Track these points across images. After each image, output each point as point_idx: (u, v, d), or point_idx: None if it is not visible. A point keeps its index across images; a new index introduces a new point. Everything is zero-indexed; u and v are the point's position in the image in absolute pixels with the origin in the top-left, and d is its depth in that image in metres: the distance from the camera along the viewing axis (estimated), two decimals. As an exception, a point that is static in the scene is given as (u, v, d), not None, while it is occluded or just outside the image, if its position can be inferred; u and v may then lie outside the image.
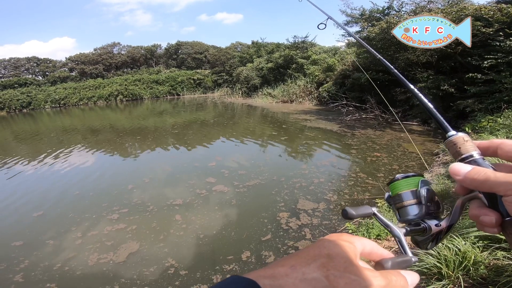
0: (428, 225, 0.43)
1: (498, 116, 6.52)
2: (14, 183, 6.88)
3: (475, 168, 0.39)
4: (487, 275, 2.03)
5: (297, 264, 0.30)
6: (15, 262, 3.62)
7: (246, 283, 0.27)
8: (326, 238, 0.35)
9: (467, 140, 0.43)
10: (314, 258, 0.31)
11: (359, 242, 0.36)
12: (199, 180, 5.94)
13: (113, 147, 10.07)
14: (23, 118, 24.90)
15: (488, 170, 0.38)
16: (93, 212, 4.81)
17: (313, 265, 0.30)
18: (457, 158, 0.43)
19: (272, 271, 0.29)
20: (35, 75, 39.72)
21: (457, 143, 0.44)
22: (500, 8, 7.36)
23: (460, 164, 0.41)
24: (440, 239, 0.44)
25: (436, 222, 0.43)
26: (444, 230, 0.43)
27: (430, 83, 9.09)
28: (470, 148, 0.43)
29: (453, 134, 0.45)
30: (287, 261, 0.31)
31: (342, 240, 0.34)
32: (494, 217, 0.37)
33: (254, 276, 0.29)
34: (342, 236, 0.35)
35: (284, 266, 0.30)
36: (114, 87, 34.14)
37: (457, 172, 0.40)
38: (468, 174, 0.39)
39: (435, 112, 0.53)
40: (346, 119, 11.81)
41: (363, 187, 5.12)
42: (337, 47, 22.38)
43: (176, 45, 44.27)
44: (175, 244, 3.78)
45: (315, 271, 0.29)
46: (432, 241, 0.44)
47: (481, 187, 0.38)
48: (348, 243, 0.34)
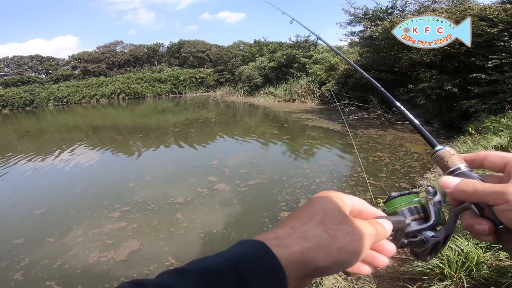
0: (425, 237, 0.44)
1: (502, 117, 6.47)
2: (17, 181, 6.90)
3: (464, 180, 0.40)
4: (489, 276, 2.01)
5: (297, 223, 0.33)
6: (16, 260, 3.63)
7: (255, 244, 0.30)
8: (317, 196, 0.37)
9: (453, 154, 0.45)
10: (311, 216, 0.34)
11: (347, 197, 0.38)
12: (200, 178, 5.94)
13: (115, 145, 10.09)
14: (26, 116, 25.03)
15: (476, 182, 0.39)
16: (95, 210, 4.82)
17: (312, 223, 0.33)
18: (446, 171, 0.45)
19: (275, 233, 0.32)
20: (38, 73, 39.88)
21: (444, 157, 0.45)
22: (505, 8, 7.30)
23: (449, 177, 0.42)
24: (438, 250, 0.45)
25: (433, 234, 0.44)
26: (441, 241, 0.44)
27: (434, 83, 9.04)
28: (457, 161, 0.44)
29: (440, 148, 0.47)
30: (287, 222, 0.34)
31: (331, 197, 0.37)
32: (487, 226, 0.38)
33: (260, 238, 0.31)
34: (330, 193, 0.38)
35: (285, 227, 0.33)
36: (117, 85, 34.24)
37: (446, 185, 0.42)
38: (457, 186, 0.40)
39: (421, 128, 0.55)
40: (348, 118, 11.77)
41: (365, 187, 5.10)
42: (339, 46, 22.31)
43: (179, 43, 44.31)
44: (175, 242, 3.78)
45: (314, 228, 0.32)
46: (431, 253, 0.45)
47: (471, 198, 0.39)
48: (337, 198, 0.37)
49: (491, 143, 4.82)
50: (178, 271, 0.27)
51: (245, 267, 0.28)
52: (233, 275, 0.27)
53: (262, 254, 0.29)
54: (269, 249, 0.30)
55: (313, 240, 0.31)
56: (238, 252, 0.29)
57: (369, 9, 12.30)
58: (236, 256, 0.29)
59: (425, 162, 6.04)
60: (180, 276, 0.27)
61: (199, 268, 0.28)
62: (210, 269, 0.28)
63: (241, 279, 0.27)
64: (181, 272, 0.27)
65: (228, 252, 0.30)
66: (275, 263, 0.29)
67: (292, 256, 0.30)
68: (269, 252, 0.29)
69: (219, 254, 0.30)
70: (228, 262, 0.28)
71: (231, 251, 0.30)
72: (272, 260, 0.29)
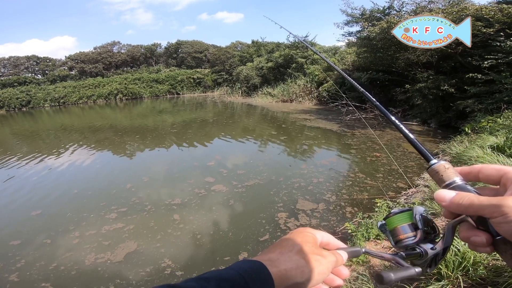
0: (424, 249, 0.45)
1: (498, 117, 6.49)
2: (13, 182, 6.85)
3: (459, 194, 0.41)
4: (486, 276, 2.01)
5: (283, 251, 0.45)
6: (12, 261, 3.60)
7: (256, 263, 0.42)
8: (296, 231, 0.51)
9: (448, 168, 0.45)
10: (293, 246, 0.46)
11: (318, 234, 0.51)
12: (198, 179, 5.93)
13: (112, 146, 10.05)
14: (22, 117, 24.86)
15: (471, 195, 0.40)
16: (91, 211, 4.79)
17: (293, 251, 0.45)
18: (441, 185, 0.45)
19: (268, 256, 0.44)
20: (35, 74, 39.65)
21: (439, 171, 0.45)
22: (501, 8, 7.34)
23: (444, 191, 0.43)
24: (438, 261, 0.45)
25: (431, 246, 0.45)
26: (440, 253, 0.45)
27: (430, 83, 9.07)
28: (451, 175, 0.44)
29: (434, 162, 0.47)
30: (275, 249, 0.46)
31: (306, 232, 0.50)
32: (484, 237, 0.39)
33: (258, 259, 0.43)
34: (306, 230, 0.51)
35: (275, 252, 0.45)
36: (114, 86, 34.08)
37: (442, 199, 0.42)
38: (453, 200, 0.41)
39: (416, 142, 0.54)
40: (346, 118, 11.79)
41: (362, 187, 5.10)
42: (337, 46, 22.39)
43: (176, 44, 44.22)
44: (172, 244, 3.76)
45: (296, 255, 0.44)
46: (430, 265, 0.46)
47: (467, 211, 0.40)
48: (311, 234, 0.50)
49: (487, 143, 4.84)
50: (203, 278, 0.38)
51: (250, 278, 0.39)
52: (243, 285, 0.38)
53: (261, 270, 0.41)
54: (265, 267, 0.41)
55: (294, 263, 0.43)
56: (245, 268, 0.40)
57: (366, 10, 12.32)
58: (243, 270, 0.40)
59: (422, 162, 6.06)
60: (205, 281, 0.37)
61: (218, 277, 0.38)
62: (227, 278, 0.38)
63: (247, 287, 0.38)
64: (205, 279, 0.37)
65: (236, 267, 0.40)
66: (269, 277, 0.40)
67: (280, 273, 0.42)
68: (265, 269, 0.41)
69: (230, 268, 0.41)
70: (239, 274, 0.39)
71: (239, 266, 0.41)
72: (267, 275, 0.41)
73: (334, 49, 21.89)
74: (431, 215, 0.45)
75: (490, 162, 3.78)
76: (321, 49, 21.95)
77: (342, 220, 4.06)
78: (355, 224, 3.59)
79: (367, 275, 2.40)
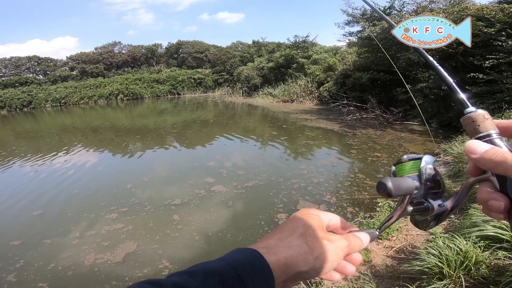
0: (432, 205, 0.42)
1: (500, 117, 6.47)
2: (14, 182, 6.87)
3: (494, 148, 0.37)
4: (488, 275, 2.00)
5: (282, 236, 0.40)
6: (11, 261, 3.60)
7: (250, 251, 0.37)
8: (299, 213, 0.44)
9: (487, 118, 0.40)
10: (294, 230, 0.40)
11: (325, 215, 0.45)
12: (198, 180, 5.92)
13: (113, 146, 10.06)
14: (24, 117, 24.91)
15: (507, 152, 0.36)
16: (92, 212, 4.79)
17: (295, 235, 0.39)
18: (474, 135, 0.40)
19: (265, 243, 0.39)
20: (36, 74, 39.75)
21: (476, 120, 0.41)
22: (502, 8, 7.32)
23: (478, 142, 0.38)
24: (441, 220, 0.43)
25: (440, 203, 0.42)
26: (447, 211, 0.42)
27: (431, 83, 9.05)
28: (489, 127, 0.40)
29: (472, 110, 0.42)
30: (274, 235, 0.40)
31: (311, 214, 0.44)
32: (503, 203, 0.35)
33: (253, 247, 0.38)
34: (310, 211, 0.45)
35: (273, 238, 0.40)
36: (115, 86, 34.12)
37: (473, 151, 0.38)
38: (485, 154, 0.37)
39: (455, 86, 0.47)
40: (347, 118, 11.77)
41: (362, 187, 5.09)
42: (338, 46, 22.35)
43: (177, 44, 44.26)
44: (170, 245, 3.75)
45: (297, 240, 0.39)
46: (433, 221, 0.43)
47: (496, 169, 0.36)
48: (316, 216, 0.44)
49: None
50: (188, 272, 0.33)
51: (242, 270, 0.34)
52: (233, 277, 0.33)
53: (256, 259, 0.36)
54: (261, 255, 0.36)
55: (295, 250, 0.38)
56: (237, 258, 0.35)
57: (367, 10, 12.32)
58: (235, 261, 0.35)
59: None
60: (190, 275, 0.32)
61: (205, 269, 0.34)
62: (215, 270, 0.33)
63: (240, 280, 0.33)
64: (191, 273, 0.33)
65: (228, 257, 0.36)
66: (266, 267, 0.35)
67: (279, 262, 0.36)
68: (261, 258, 0.36)
69: (220, 259, 0.36)
70: (229, 266, 0.34)
71: (230, 256, 0.36)
72: (263, 265, 0.35)
73: (335, 49, 21.86)
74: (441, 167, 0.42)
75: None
76: (322, 49, 21.92)
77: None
78: (357, 224, 3.58)
79: (368, 274, 2.39)
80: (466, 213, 2.84)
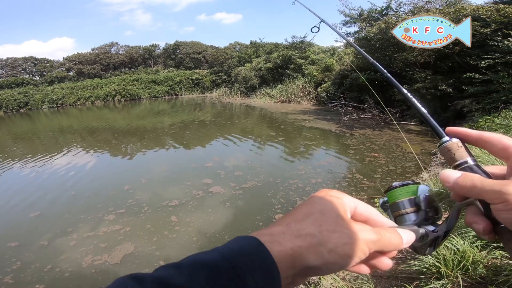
0: (426, 231, 0.42)
1: (496, 116, 6.51)
2: (11, 183, 6.83)
3: (464, 174, 0.37)
4: (485, 275, 2.01)
5: (292, 221, 0.33)
6: (8, 263, 3.58)
7: (249, 239, 0.31)
8: (317, 195, 0.37)
9: (461, 146, 0.42)
10: (307, 215, 0.33)
11: (349, 199, 0.37)
12: (195, 181, 5.90)
13: (111, 147, 10.01)
14: (20, 118, 24.77)
15: (476, 177, 0.36)
16: (89, 213, 4.76)
17: (307, 222, 0.32)
18: (452, 164, 0.42)
19: (270, 230, 0.33)
20: (33, 75, 39.56)
21: (452, 149, 0.42)
22: (498, 8, 7.37)
23: (450, 171, 0.39)
24: (437, 244, 0.43)
25: (433, 228, 0.43)
26: (441, 236, 0.43)
27: (428, 83, 9.10)
28: (464, 155, 0.41)
29: (447, 140, 0.44)
30: (283, 220, 0.34)
31: (331, 196, 0.36)
32: (482, 226, 0.36)
33: (254, 235, 0.32)
34: (331, 192, 0.37)
35: (281, 224, 0.33)
36: (112, 87, 34.03)
37: (446, 179, 0.39)
38: (457, 181, 0.37)
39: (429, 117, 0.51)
40: (344, 119, 11.81)
41: (360, 188, 5.10)
42: (335, 47, 22.42)
43: (175, 45, 44.21)
44: (168, 246, 3.74)
45: (309, 227, 0.32)
46: (430, 247, 0.43)
47: (470, 193, 0.36)
48: (337, 199, 0.36)
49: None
50: (175, 265, 0.29)
51: (239, 262, 0.28)
52: (227, 269, 0.28)
53: (255, 249, 0.30)
54: (262, 244, 0.30)
55: (304, 239, 0.31)
56: (233, 247, 0.30)
57: (364, 10, 12.38)
58: (231, 251, 0.30)
59: (420, 162, 6.06)
60: (176, 269, 0.28)
61: (194, 262, 0.29)
62: (205, 263, 0.29)
63: (235, 273, 0.28)
64: (177, 266, 0.29)
65: (223, 247, 0.31)
66: (268, 259, 0.29)
67: (284, 253, 0.30)
68: (263, 248, 0.30)
69: (215, 249, 0.31)
70: (223, 257, 0.29)
71: (226, 246, 0.31)
72: (265, 256, 0.29)
73: (333, 50, 21.93)
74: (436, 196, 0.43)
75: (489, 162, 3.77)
76: (320, 50, 21.98)
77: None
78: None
79: (367, 274, 2.39)
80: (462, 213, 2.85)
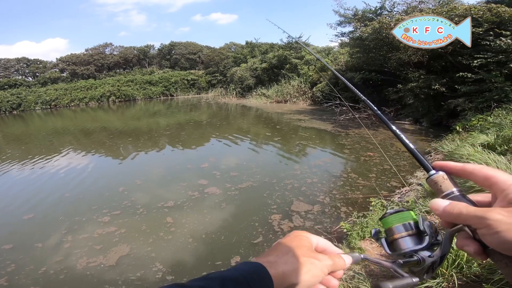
0: (422, 257, 0.45)
1: (488, 115, 6.59)
2: (5, 186, 6.73)
3: (451, 203, 0.42)
4: (480, 273, 2.02)
5: (280, 253, 0.47)
6: (2, 265, 3.55)
7: (256, 264, 0.44)
8: (292, 236, 0.52)
9: (446, 178, 0.47)
10: (289, 250, 0.48)
11: (314, 238, 0.52)
12: (191, 182, 5.88)
13: (105, 148, 9.93)
14: (13, 120, 24.44)
15: (462, 205, 0.41)
16: (84, 215, 4.72)
17: (290, 254, 0.47)
18: (440, 195, 0.46)
19: (266, 259, 0.46)
20: (25, 76, 39.01)
21: (438, 182, 0.47)
22: (490, 8, 7.45)
23: (439, 200, 0.44)
24: (434, 269, 0.46)
25: (429, 254, 0.45)
26: (437, 260, 0.45)
27: (422, 82, 9.18)
28: (449, 186, 0.46)
29: (433, 173, 0.48)
30: (272, 252, 0.48)
31: (302, 236, 0.52)
32: (472, 249, 0.40)
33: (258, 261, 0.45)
34: (301, 234, 0.52)
35: (272, 255, 0.47)
36: (106, 88, 33.68)
37: (436, 207, 0.44)
38: (445, 209, 0.43)
39: (416, 152, 0.55)
40: (340, 118, 11.85)
41: (355, 187, 5.12)
42: (330, 47, 22.49)
43: (170, 45, 43.95)
44: (163, 248, 3.72)
45: (291, 258, 0.46)
46: (428, 272, 0.46)
47: (457, 220, 0.41)
48: (306, 238, 0.51)
49: (478, 141, 4.90)
50: (208, 278, 0.40)
51: (252, 279, 0.41)
52: (244, 284, 0.40)
53: (261, 271, 0.43)
54: (266, 269, 0.43)
55: (290, 266, 0.45)
56: (246, 269, 0.43)
57: (358, 10, 12.42)
58: (245, 271, 0.42)
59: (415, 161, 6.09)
60: (210, 280, 0.39)
61: (222, 276, 0.40)
62: (231, 278, 0.40)
63: (249, 285, 0.40)
64: (209, 279, 0.40)
65: (238, 268, 0.43)
66: (269, 278, 0.43)
67: (278, 275, 0.44)
68: (266, 271, 0.43)
69: (233, 269, 0.43)
70: (241, 275, 0.41)
71: (240, 267, 0.43)
72: (267, 276, 0.43)
73: (328, 50, 22.01)
74: None
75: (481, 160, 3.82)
76: (315, 50, 22.04)
77: (337, 219, 4.06)
78: (350, 224, 3.60)
79: (363, 273, 2.40)
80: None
